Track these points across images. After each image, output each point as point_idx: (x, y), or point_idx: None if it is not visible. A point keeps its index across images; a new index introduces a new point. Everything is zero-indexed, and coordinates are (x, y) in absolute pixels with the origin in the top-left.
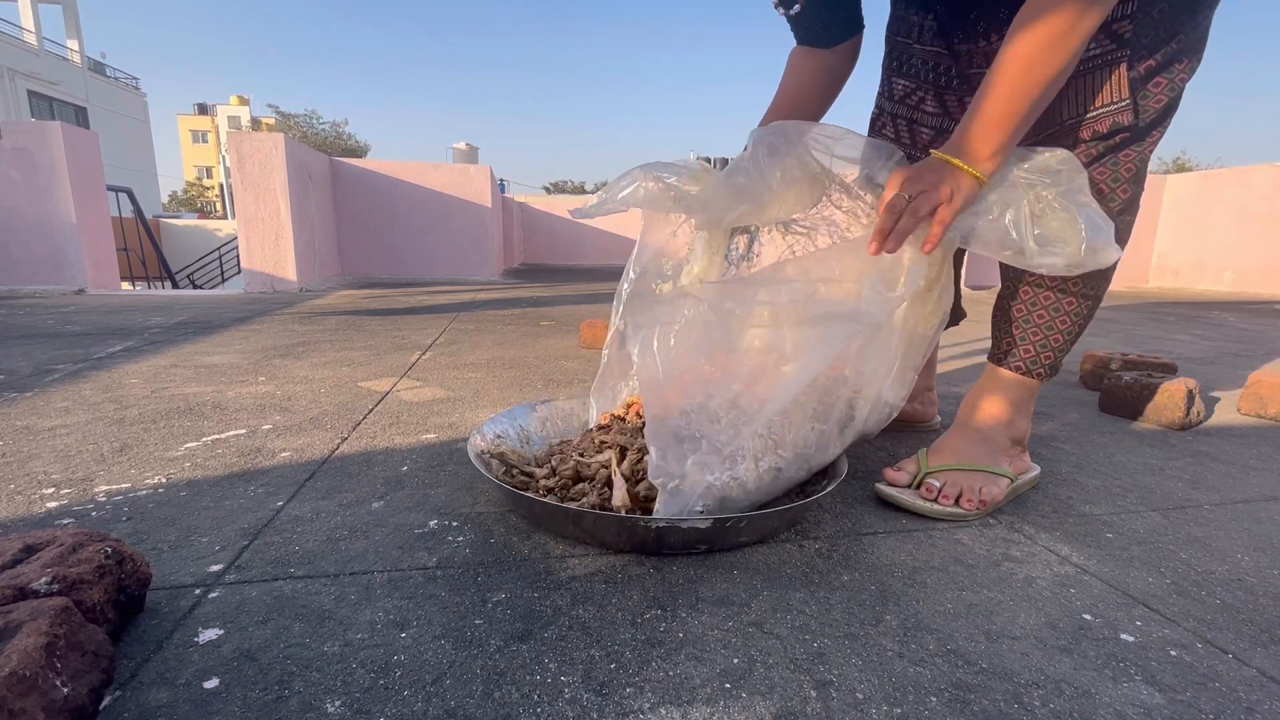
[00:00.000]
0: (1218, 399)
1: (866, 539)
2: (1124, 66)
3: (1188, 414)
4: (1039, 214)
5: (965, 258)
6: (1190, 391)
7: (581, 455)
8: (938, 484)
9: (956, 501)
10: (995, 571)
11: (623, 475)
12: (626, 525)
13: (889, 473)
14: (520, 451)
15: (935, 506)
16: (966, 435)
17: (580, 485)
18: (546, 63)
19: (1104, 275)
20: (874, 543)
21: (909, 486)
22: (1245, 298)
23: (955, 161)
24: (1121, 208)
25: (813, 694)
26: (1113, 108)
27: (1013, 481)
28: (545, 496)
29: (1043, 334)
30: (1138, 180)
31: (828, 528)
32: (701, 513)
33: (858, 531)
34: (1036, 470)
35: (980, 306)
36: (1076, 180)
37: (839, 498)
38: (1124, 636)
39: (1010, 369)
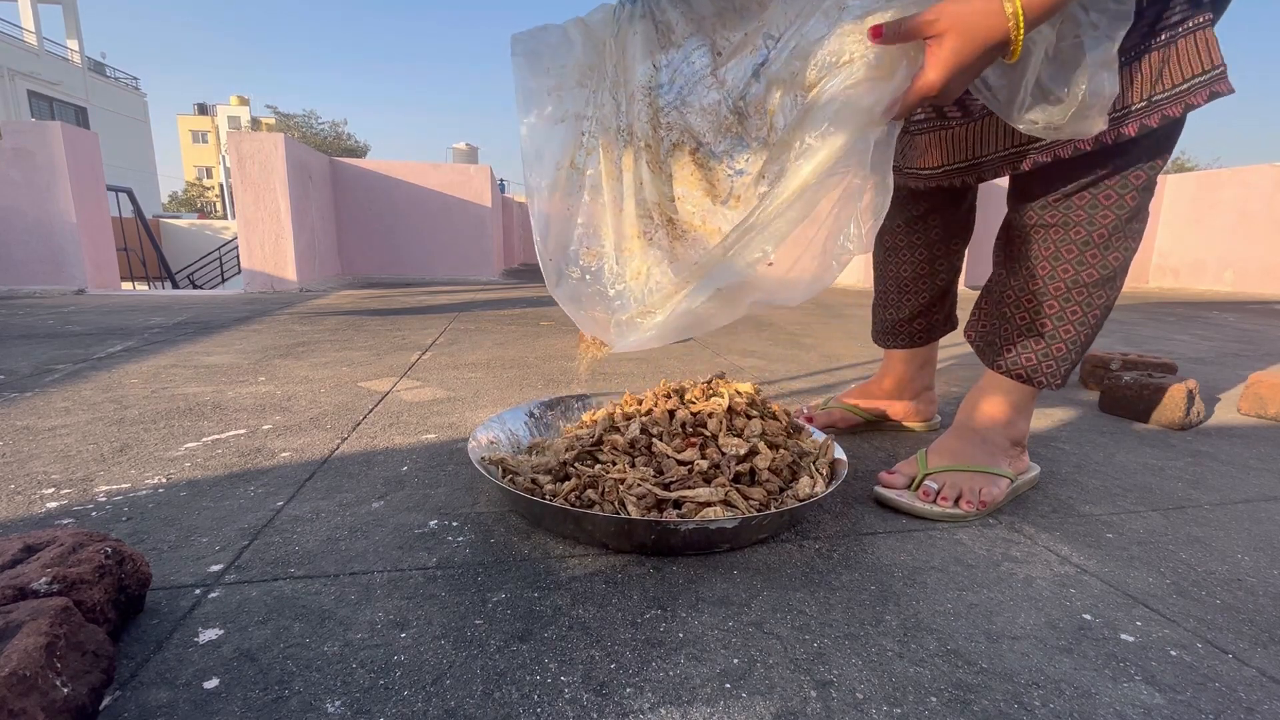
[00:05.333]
0: (1218, 399)
1: (866, 539)
2: (1210, 32)
3: (1188, 414)
4: (1051, 57)
5: (966, 253)
6: (1190, 391)
7: (591, 462)
8: (935, 486)
9: (956, 503)
10: (995, 571)
11: (652, 490)
12: (657, 527)
13: (885, 476)
14: (520, 458)
15: (934, 508)
16: (965, 436)
17: (589, 493)
18: None
19: (1113, 283)
20: (874, 543)
21: (906, 489)
22: (1245, 298)
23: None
24: (1130, 215)
25: (813, 694)
26: (1204, 78)
27: (1013, 481)
28: (553, 500)
29: (1045, 342)
30: (1150, 187)
31: (828, 528)
32: None
33: (858, 531)
34: (1036, 470)
35: None
36: (1115, 30)
37: (839, 498)
38: (1124, 636)
39: (1011, 376)
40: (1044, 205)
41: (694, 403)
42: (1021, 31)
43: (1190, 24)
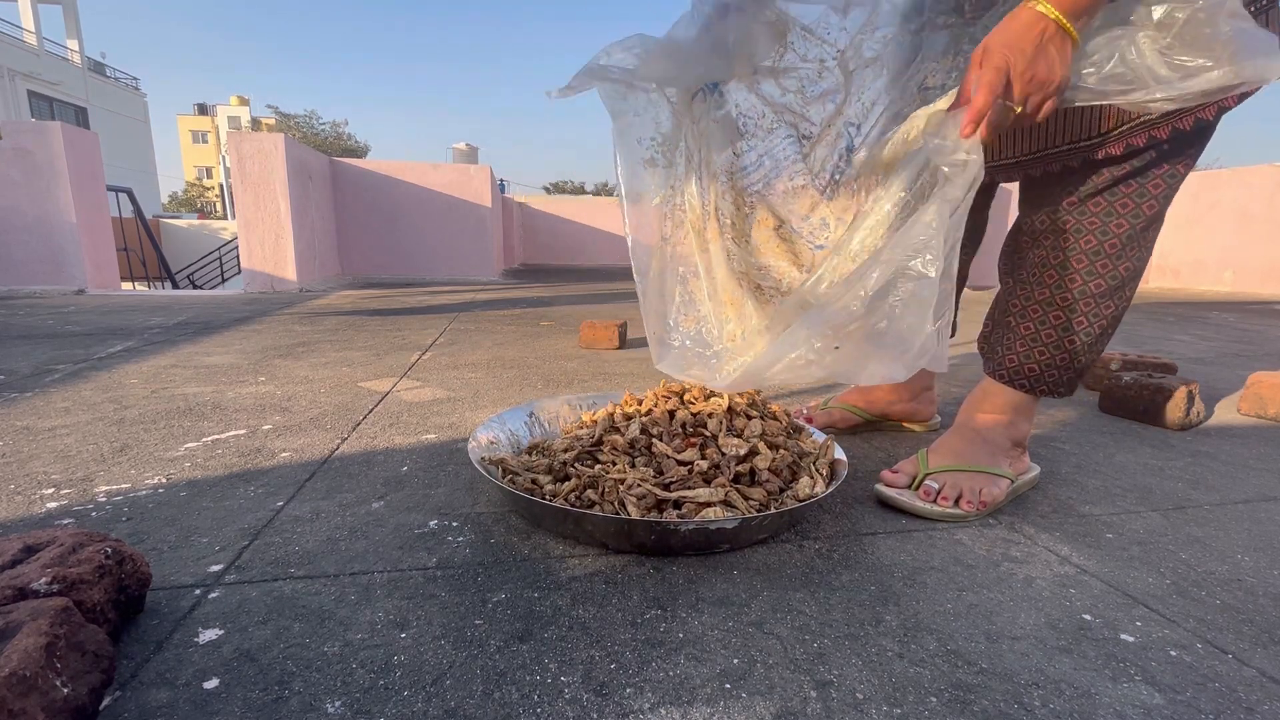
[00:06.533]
0: (1218, 399)
1: (866, 539)
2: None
3: (1188, 414)
4: (1170, 42)
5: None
6: (1190, 392)
7: (592, 461)
8: (936, 486)
9: (956, 503)
10: (995, 571)
11: (652, 490)
12: (657, 528)
13: (887, 475)
14: (520, 458)
15: (934, 508)
16: (966, 436)
17: (589, 493)
18: (548, 62)
19: (1122, 293)
20: (874, 543)
21: (908, 488)
22: (1245, 298)
23: (1046, 8)
24: (1145, 223)
25: (813, 694)
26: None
27: (1013, 482)
28: (553, 500)
29: (1049, 353)
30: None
31: (828, 528)
32: None
33: (858, 531)
34: (1036, 470)
35: (979, 306)
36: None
37: (839, 498)
38: (1124, 636)
39: (1014, 385)
40: (1056, 210)
41: (694, 403)
42: (1065, 19)
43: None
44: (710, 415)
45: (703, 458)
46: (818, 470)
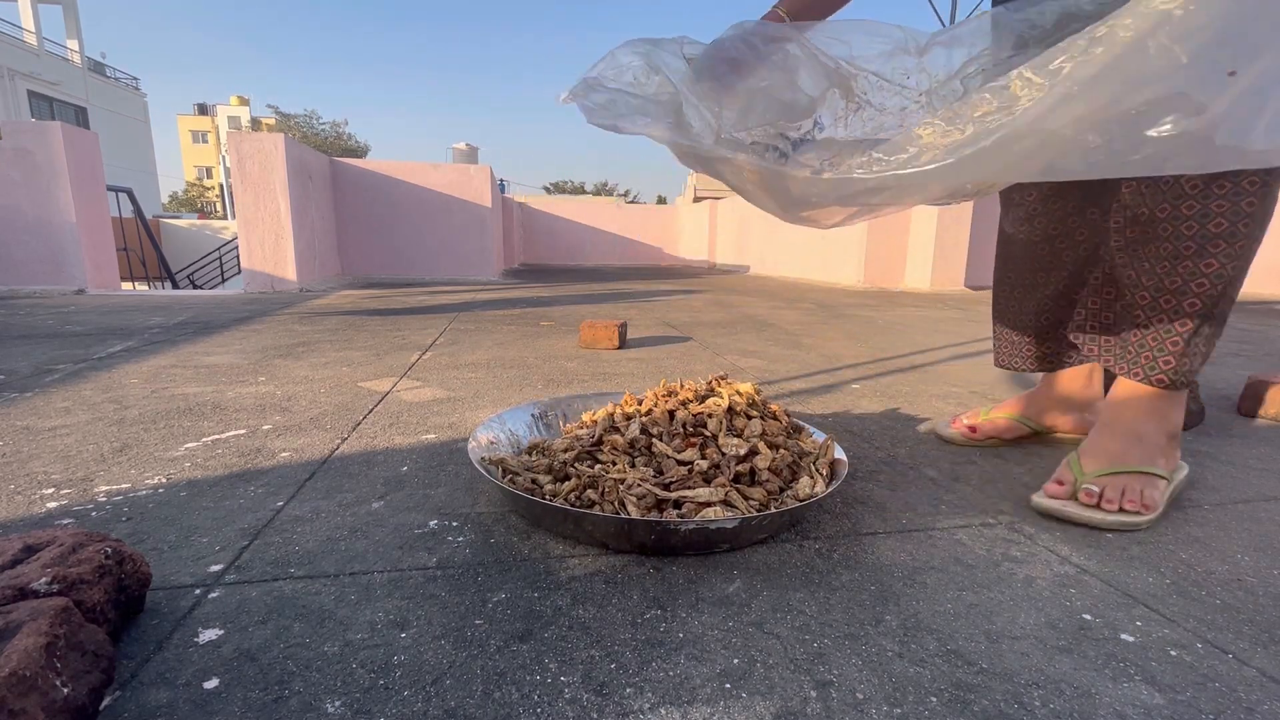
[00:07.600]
0: (1218, 399)
1: (866, 539)
2: None
3: (1188, 414)
4: None
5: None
6: (1190, 391)
7: (586, 461)
8: (1097, 489)
9: (1121, 507)
10: (995, 571)
11: (653, 489)
12: (657, 527)
13: (1051, 486)
14: (520, 458)
15: (1105, 516)
16: (1118, 435)
17: (589, 493)
18: (549, 62)
19: (1236, 283)
20: (874, 543)
21: (1072, 498)
22: (1245, 298)
23: None
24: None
25: (813, 694)
26: None
27: (1170, 482)
28: (553, 500)
29: (1183, 344)
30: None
31: (828, 528)
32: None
33: (858, 531)
34: (1186, 469)
35: (982, 306)
36: None
37: (839, 498)
38: (1124, 636)
39: (1152, 383)
40: (1179, 197)
41: (688, 403)
42: None
43: None
44: (710, 415)
45: (703, 458)
46: (818, 470)
